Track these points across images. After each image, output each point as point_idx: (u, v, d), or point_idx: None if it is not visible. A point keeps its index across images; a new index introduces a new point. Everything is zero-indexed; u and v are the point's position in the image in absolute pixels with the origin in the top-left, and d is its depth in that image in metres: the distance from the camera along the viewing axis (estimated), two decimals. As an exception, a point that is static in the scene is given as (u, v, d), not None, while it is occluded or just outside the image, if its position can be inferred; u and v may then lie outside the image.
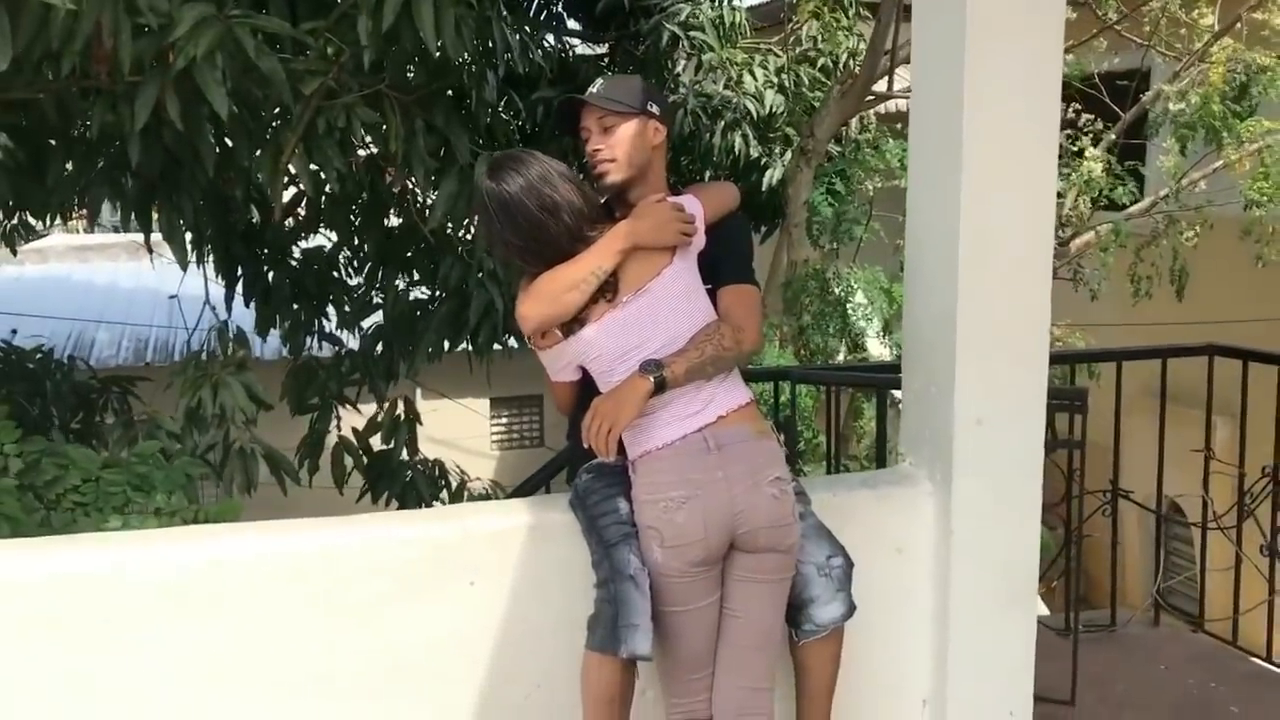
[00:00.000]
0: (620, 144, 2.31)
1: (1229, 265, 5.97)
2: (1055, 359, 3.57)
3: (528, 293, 2.16)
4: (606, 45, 7.29)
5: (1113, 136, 6.32)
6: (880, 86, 6.60)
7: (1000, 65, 2.26)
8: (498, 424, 12.61)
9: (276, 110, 4.02)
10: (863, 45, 6.65)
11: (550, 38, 6.90)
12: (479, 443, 12.29)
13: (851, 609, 2.22)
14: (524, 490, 3.70)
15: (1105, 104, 6.38)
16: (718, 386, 2.17)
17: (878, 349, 6.27)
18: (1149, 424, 3.63)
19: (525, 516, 2.32)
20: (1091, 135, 6.21)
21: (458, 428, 11.50)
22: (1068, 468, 3.44)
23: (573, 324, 2.15)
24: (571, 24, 7.44)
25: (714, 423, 2.14)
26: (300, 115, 3.73)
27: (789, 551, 2.14)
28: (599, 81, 2.34)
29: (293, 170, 4.04)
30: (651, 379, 2.07)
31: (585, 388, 2.29)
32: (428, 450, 5.25)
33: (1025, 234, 2.32)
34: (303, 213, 5.07)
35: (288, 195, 4.84)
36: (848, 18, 6.77)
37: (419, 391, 10.64)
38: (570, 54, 7.11)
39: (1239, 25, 5.73)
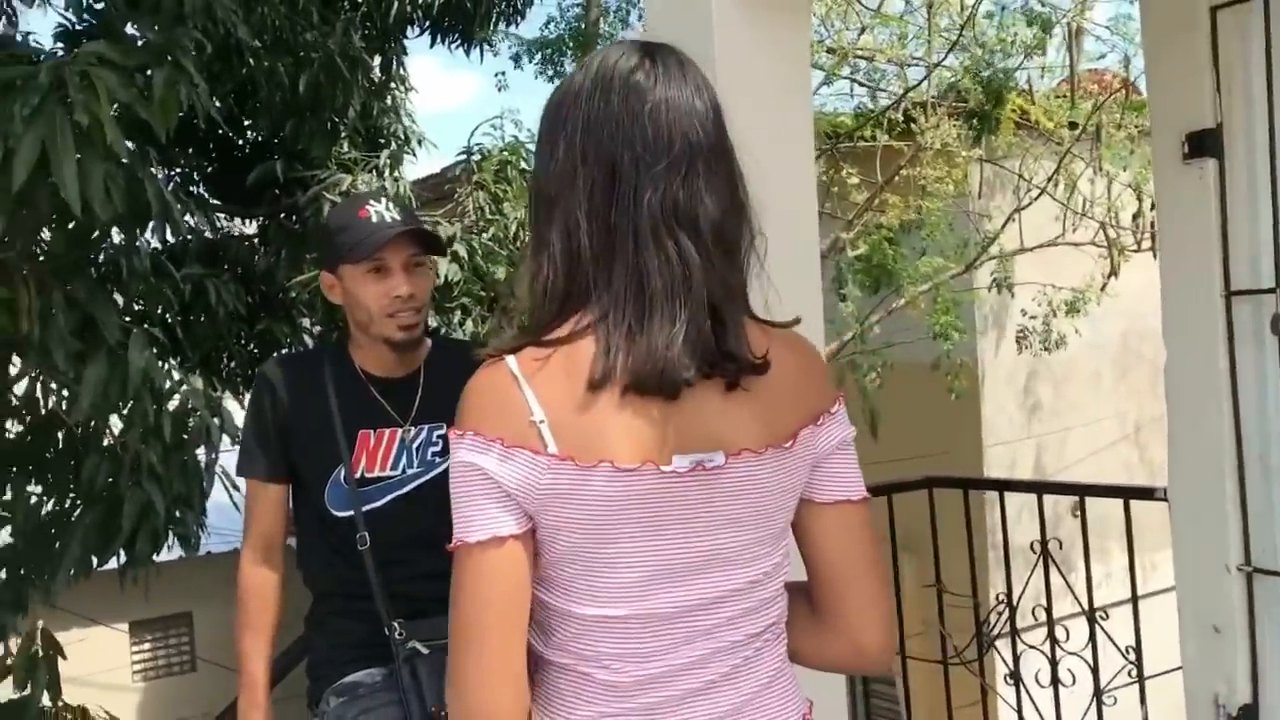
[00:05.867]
0: (424, 293, 2.01)
1: (911, 403, 6.31)
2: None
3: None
4: (258, 222, 6.84)
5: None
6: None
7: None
8: (140, 651, 11.10)
9: None
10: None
11: (191, 217, 6.38)
12: (118, 675, 10.75)
13: None
14: None
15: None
16: (757, 675, 1.28)
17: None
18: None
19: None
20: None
21: (90, 660, 9.99)
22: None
23: None
24: (216, 202, 6.95)
25: None
26: (-100, 293, 3.05)
27: None
28: (385, 202, 2.00)
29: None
30: None
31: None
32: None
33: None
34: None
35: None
36: (513, 188, 6.73)
37: (40, 623, 9.21)
38: (219, 232, 6.62)
39: (896, 179, 6.24)
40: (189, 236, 6.19)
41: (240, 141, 6.91)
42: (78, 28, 4.86)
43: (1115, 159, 5.98)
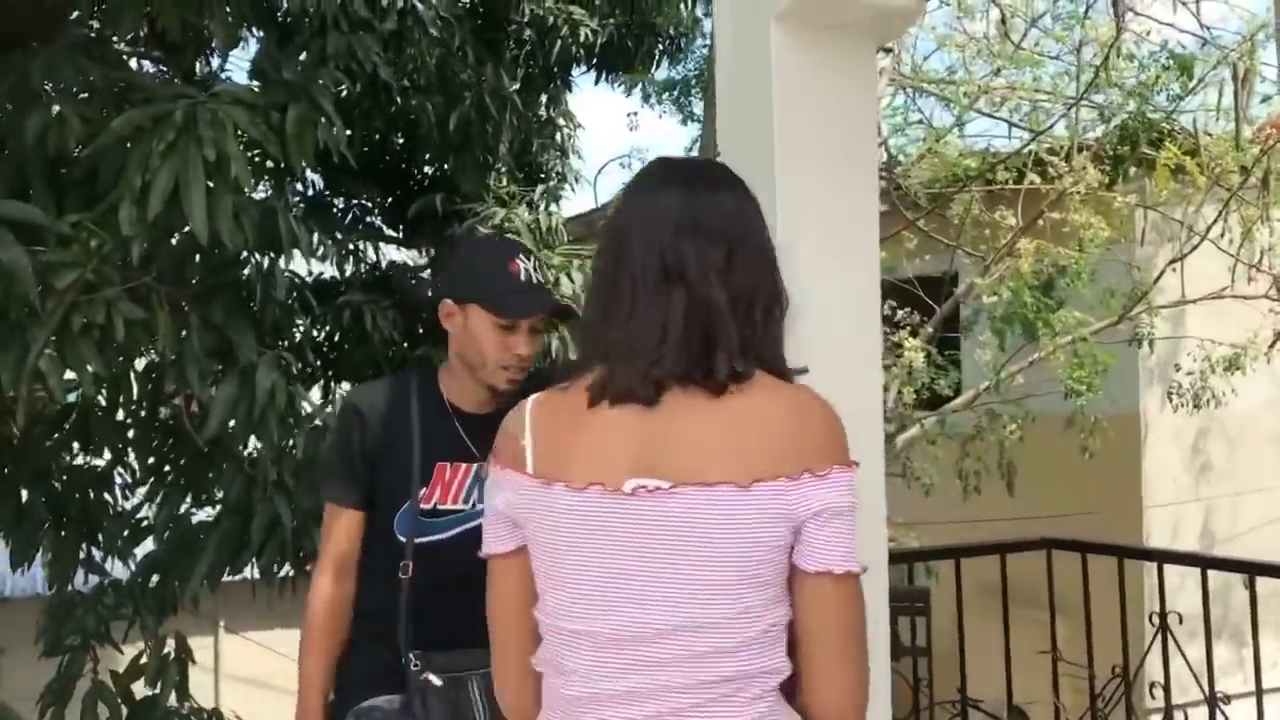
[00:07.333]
0: (536, 352, 2.12)
1: (1057, 457, 6.00)
2: (892, 558, 3.35)
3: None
4: (425, 253, 7.12)
5: (929, 330, 6.41)
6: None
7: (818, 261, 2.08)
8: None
9: (27, 309, 3.58)
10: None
11: (363, 243, 6.71)
12: (293, 680, 11.24)
13: None
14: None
15: (919, 299, 6.50)
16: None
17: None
18: (991, 625, 3.40)
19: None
20: (909, 328, 6.28)
21: (264, 663, 10.52)
22: (913, 677, 3.17)
23: None
24: (388, 231, 7.30)
25: None
26: (52, 312, 3.31)
27: None
28: (533, 260, 2.10)
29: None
30: None
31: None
32: (231, 691, 4.57)
33: (854, 427, 2.09)
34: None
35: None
36: (664, 224, 6.81)
37: (222, 624, 9.72)
38: (382, 260, 6.93)
39: (1040, 223, 5.98)
40: (361, 265, 6.53)
41: (417, 174, 7.24)
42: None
43: (1287, 208, 5.55)
